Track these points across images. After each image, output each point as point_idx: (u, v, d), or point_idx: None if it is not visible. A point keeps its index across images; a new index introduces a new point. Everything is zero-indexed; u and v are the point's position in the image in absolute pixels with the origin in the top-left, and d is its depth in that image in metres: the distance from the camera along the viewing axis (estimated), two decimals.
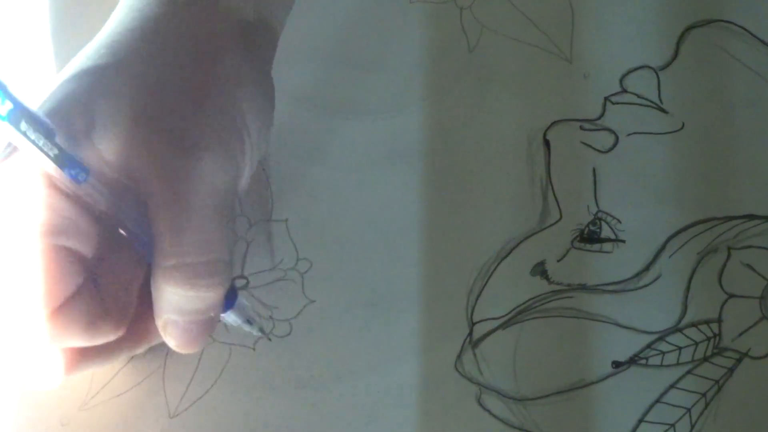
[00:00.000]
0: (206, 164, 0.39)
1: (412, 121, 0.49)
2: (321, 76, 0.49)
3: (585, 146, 0.48)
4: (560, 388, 0.44)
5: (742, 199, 0.47)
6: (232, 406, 0.44)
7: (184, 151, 0.38)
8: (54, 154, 0.35)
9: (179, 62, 0.40)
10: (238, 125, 0.40)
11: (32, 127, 0.34)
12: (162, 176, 0.38)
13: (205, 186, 0.39)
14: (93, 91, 0.39)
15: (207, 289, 0.39)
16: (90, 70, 0.40)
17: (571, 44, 0.50)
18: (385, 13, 0.51)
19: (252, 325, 0.43)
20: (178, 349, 0.40)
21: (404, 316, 0.45)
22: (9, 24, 0.51)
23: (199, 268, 0.39)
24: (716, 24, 0.50)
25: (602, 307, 0.45)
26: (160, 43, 0.41)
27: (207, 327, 0.40)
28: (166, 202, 0.38)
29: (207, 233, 0.39)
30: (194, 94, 0.40)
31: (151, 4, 0.42)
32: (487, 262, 0.46)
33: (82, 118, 0.38)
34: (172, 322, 0.39)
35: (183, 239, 0.38)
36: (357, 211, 0.47)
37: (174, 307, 0.39)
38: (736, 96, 0.49)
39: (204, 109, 0.39)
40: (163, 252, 0.38)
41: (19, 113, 0.33)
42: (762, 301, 0.45)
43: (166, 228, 0.38)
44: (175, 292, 0.39)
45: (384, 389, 0.44)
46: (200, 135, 0.39)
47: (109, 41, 0.41)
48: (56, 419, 0.43)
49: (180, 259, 0.38)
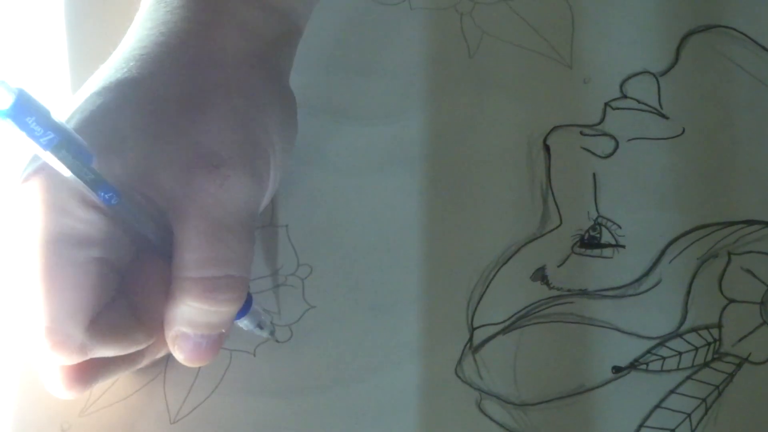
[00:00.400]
0: (233, 182, 0.39)
1: (413, 126, 0.49)
2: (322, 81, 0.49)
3: (585, 151, 0.48)
4: (560, 393, 0.44)
5: (743, 205, 0.47)
6: (233, 411, 0.44)
7: (212, 168, 0.39)
8: (90, 179, 0.36)
9: (207, 80, 0.41)
10: (264, 145, 0.41)
11: (72, 155, 0.34)
12: (188, 191, 0.39)
13: (231, 203, 0.39)
14: (123, 106, 0.39)
15: (224, 304, 0.39)
16: (119, 83, 0.40)
17: (571, 49, 0.50)
18: (385, 18, 0.51)
19: (263, 329, 0.43)
20: (186, 362, 0.40)
21: (404, 321, 0.45)
22: (24, 24, 0.51)
23: (219, 283, 0.39)
24: (716, 29, 0.50)
25: (602, 312, 0.45)
26: (188, 60, 0.41)
27: (217, 343, 0.41)
28: (190, 215, 0.39)
29: (229, 249, 0.39)
30: (222, 111, 0.40)
31: (177, 20, 0.42)
32: (488, 268, 0.46)
33: (112, 133, 0.38)
34: (183, 334, 0.40)
35: (205, 253, 0.39)
36: (357, 216, 0.47)
37: (187, 319, 0.39)
38: (737, 101, 0.49)
39: (232, 127, 0.40)
40: (183, 264, 0.39)
41: (60, 143, 0.34)
42: (762, 306, 0.45)
43: (189, 240, 0.39)
44: (191, 304, 0.39)
45: (384, 394, 0.44)
46: (228, 153, 0.39)
47: (137, 54, 0.41)
48: (57, 424, 0.43)
49: (200, 272, 0.39)
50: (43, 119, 0.33)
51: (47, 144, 0.33)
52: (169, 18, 0.42)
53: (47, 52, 0.50)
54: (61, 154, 0.34)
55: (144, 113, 0.39)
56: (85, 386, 0.40)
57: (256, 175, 0.40)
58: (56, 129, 0.33)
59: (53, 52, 0.50)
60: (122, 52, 0.42)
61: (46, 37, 0.51)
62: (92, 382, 0.40)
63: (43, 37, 0.51)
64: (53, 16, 0.51)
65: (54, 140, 0.33)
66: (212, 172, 0.39)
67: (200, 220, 0.39)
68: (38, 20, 0.51)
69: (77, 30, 0.51)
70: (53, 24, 0.51)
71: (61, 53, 0.50)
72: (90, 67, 0.42)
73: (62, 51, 0.50)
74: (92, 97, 0.40)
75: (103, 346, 0.39)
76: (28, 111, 0.32)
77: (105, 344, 0.39)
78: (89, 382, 0.40)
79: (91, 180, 0.36)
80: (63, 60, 0.50)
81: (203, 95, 0.40)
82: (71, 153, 0.34)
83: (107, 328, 0.39)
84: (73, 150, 0.34)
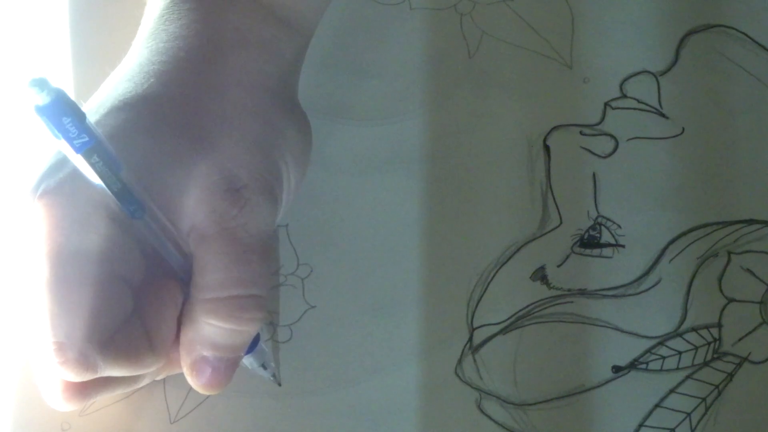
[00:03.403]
0: (254, 204, 0.39)
1: (413, 126, 0.49)
2: (321, 81, 0.49)
3: (585, 151, 0.48)
4: (560, 393, 0.44)
5: (742, 204, 0.47)
6: (233, 412, 0.44)
7: (234, 191, 0.39)
8: (117, 189, 0.36)
9: (227, 102, 0.41)
10: (280, 166, 0.41)
11: (102, 161, 0.35)
12: (210, 213, 0.39)
13: (253, 224, 0.39)
14: (145, 125, 0.39)
15: (248, 323, 0.40)
16: (140, 99, 0.40)
17: (571, 49, 0.50)
18: (385, 18, 0.51)
19: (266, 369, 0.43)
20: (204, 389, 0.40)
21: (404, 321, 0.45)
22: (29, 23, 0.51)
23: (245, 302, 0.39)
24: (716, 29, 0.50)
25: (602, 312, 0.45)
26: (209, 81, 0.41)
27: (233, 367, 0.41)
28: (213, 237, 0.39)
29: (253, 269, 0.39)
30: (241, 134, 0.40)
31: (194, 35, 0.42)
32: (487, 268, 0.46)
33: (133, 151, 0.38)
34: (202, 360, 0.40)
35: (231, 273, 0.39)
36: (357, 216, 0.47)
37: (210, 341, 0.39)
38: (736, 101, 0.49)
39: (251, 151, 0.40)
40: (206, 284, 0.39)
41: (93, 147, 0.34)
42: (762, 305, 0.45)
43: (213, 262, 0.39)
44: (215, 324, 0.39)
45: (384, 394, 0.44)
46: (248, 176, 0.40)
47: (157, 70, 0.41)
48: (57, 424, 0.43)
49: (226, 291, 0.39)
50: (78, 121, 0.33)
51: (80, 147, 0.33)
52: (187, 33, 0.42)
53: (51, 51, 0.50)
54: (92, 160, 0.34)
55: (165, 134, 0.39)
56: (83, 401, 0.40)
57: (273, 197, 0.41)
58: (91, 133, 0.33)
59: (57, 51, 0.50)
60: (139, 63, 0.42)
61: (50, 35, 0.51)
62: (90, 398, 0.40)
63: (47, 36, 0.51)
64: (57, 14, 0.51)
65: (88, 143, 0.33)
66: (235, 196, 0.39)
67: (224, 242, 0.39)
68: (42, 19, 0.51)
69: (81, 29, 0.51)
70: (57, 23, 0.51)
71: (65, 52, 0.50)
72: (93, 65, 0.42)
73: (65, 50, 0.50)
74: (113, 112, 0.39)
75: (114, 366, 0.38)
76: (66, 111, 0.32)
77: (116, 365, 0.38)
78: (88, 397, 0.40)
79: (118, 190, 0.36)
80: (66, 59, 0.50)
81: (223, 116, 0.40)
82: (102, 159, 0.34)
83: (120, 350, 0.38)
84: (104, 157, 0.34)
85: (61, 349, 0.37)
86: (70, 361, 0.37)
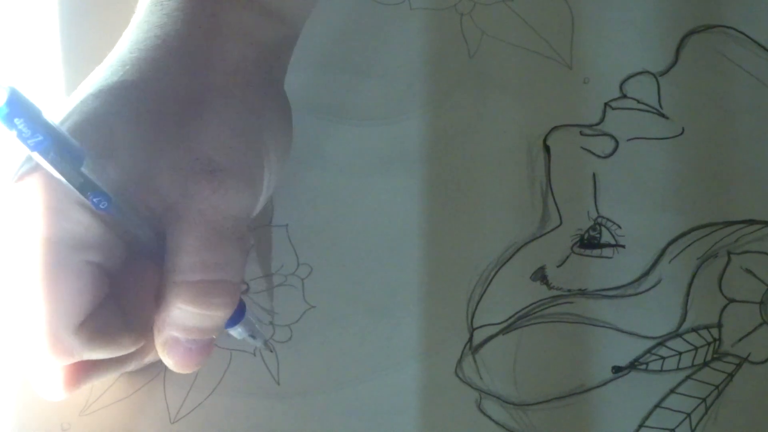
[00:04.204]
0: (229, 188, 0.39)
1: (413, 126, 0.49)
2: (321, 81, 0.49)
3: (585, 151, 0.48)
4: (560, 393, 0.44)
5: (742, 204, 0.47)
6: (233, 411, 0.44)
7: (209, 173, 0.39)
8: (79, 183, 0.35)
9: (203, 85, 0.41)
10: (260, 151, 0.41)
11: (61, 157, 0.34)
12: (184, 195, 0.39)
13: (227, 208, 0.39)
14: (119, 109, 0.39)
15: (217, 308, 0.39)
16: (116, 85, 0.40)
17: (571, 50, 0.50)
18: (385, 18, 0.51)
19: (255, 338, 0.43)
20: (175, 368, 0.40)
21: (404, 322, 0.45)
22: (17, 23, 0.51)
23: (213, 286, 0.39)
24: (716, 29, 0.50)
25: (602, 312, 0.45)
26: (185, 65, 0.41)
27: (207, 349, 0.40)
28: (186, 219, 0.39)
29: (224, 253, 0.39)
30: (218, 117, 0.40)
31: (174, 23, 0.42)
32: (487, 268, 0.46)
33: (108, 136, 0.38)
34: (174, 339, 0.40)
35: (200, 256, 0.39)
36: (357, 216, 0.47)
37: (179, 323, 0.39)
38: (736, 101, 0.49)
39: (228, 134, 0.40)
40: (177, 267, 0.39)
41: (50, 144, 0.33)
42: (762, 306, 0.45)
43: (183, 244, 0.39)
44: (183, 307, 0.39)
45: (384, 394, 0.44)
46: (224, 159, 0.39)
47: (134, 57, 0.41)
48: (57, 424, 0.43)
49: (195, 275, 0.39)
50: (32, 121, 0.32)
51: (35, 146, 0.33)
52: (166, 21, 0.42)
53: (41, 51, 0.50)
54: (49, 157, 0.34)
55: (140, 118, 0.39)
56: (73, 387, 0.40)
57: (250, 182, 0.40)
58: (46, 131, 0.33)
59: (47, 51, 0.50)
60: (118, 53, 0.42)
61: (40, 35, 0.51)
62: (80, 384, 0.40)
63: (38, 36, 0.51)
64: (47, 14, 0.51)
65: (43, 143, 0.33)
66: (208, 178, 0.39)
67: (196, 224, 0.38)
68: (32, 19, 0.51)
69: (71, 29, 0.51)
70: (47, 23, 0.51)
71: (56, 52, 0.50)
72: (84, 66, 0.42)
73: (56, 50, 0.50)
74: (88, 99, 0.39)
75: (90, 349, 0.39)
76: (17, 112, 0.32)
77: (93, 348, 0.39)
78: (77, 383, 0.40)
79: (80, 184, 0.35)
80: (57, 59, 0.50)
81: (200, 101, 0.40)
82: (60, 156, 0.34)
83: (96, 332, 0.38)
84: (64, 153, 0.34)
85: (37, 335, 0.37)
86: (47, 347, 0.38)
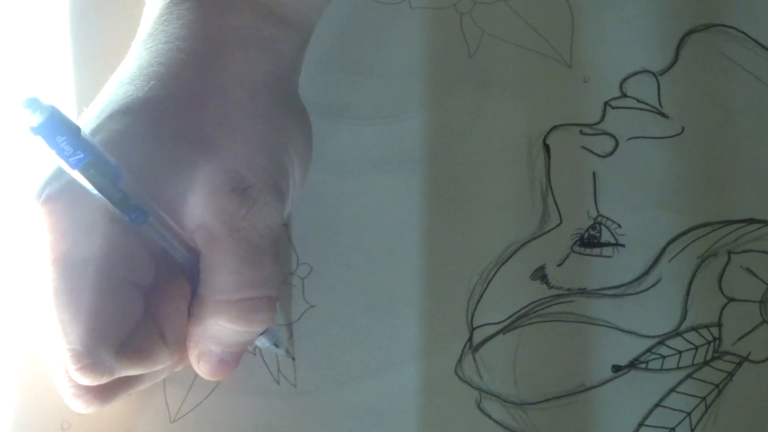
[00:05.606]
0: (261, 204, 0.39)
1: (413, 126, 0.49)
2: (321, 80, 0.49)
3: (585, 151, 0.48)
4: (560, 392, 0.44)
5: (742, 203, 0.47)
6: (233, 410, 0.44)
7: (242, 191, 0.39)
8: (118, 199, 0.36)
9: (230, 102, 0.41)
10: (285, 164, 0.41)
11: (100, 174, 0.34)
12: (219, 214, 0.39)
13: (262, 225, 0.39)
14: (148, 129, 0.39)
15: (258, 324, 0.40)
16: (143, 102, 0.40)
17: (570, 49, 0.50)
18: (385, 18, 0.51)
19: (279, 347, 0.44)
20: (209, 376, 0.41)
21: (404, 321, 0.45)
22: (29, 25, 0.51)
23: (257, 304, 0.39)
24: (716, 28, 0.50)
25: (602, 311, 0.45)
26: (211, 83, 0.41)
27: (239, 357, 0.41)
28: (223, 238, 0.39)
29: (264, 270, 0.39)
30: (246, 134, 0.40)
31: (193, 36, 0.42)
32: (487, 267, 0.46)
33: (137, 155, 0.38)
34: (209, 351, 0.40)
35: (243, 275, 0.39)
36: (357, 215, 0.47)
37: (217, 339, 0.40)
38: (736, 100, 0.49)
39: (257, 150, 0.40)
40: (219, 287, 0.39)
41: (89, 162, 0.34)
42: (762, 305, 0.45)
43: (223, 263, 0.39)
44: (224, 325, 0.39)
45: (384, 394, 0.44)
46: (254, 176, 0.40)
47: (157, 72, 0.41)
48: (58, 423, 0.44)
49: (239, 293, 0.39)
50: (72, 138, 0.33)
51: (76, 163, 0.33)
52: (187, 34, 0.42)
53: (51, 51, 0.50)
54: (89, 174, 0.34)
55: (168, 137, 0.39)
56: (106, 402, 0.41)
57: (280, 195, 0.41)
58: (86, 148, 0.33)
59: (57, 51, 0.50)
60: (138, 65, 0.41)
61: (50, 35, 0.51)
62: (115, 398, 0.41)
63: (47, 36, 0.51)
64: (57, 14, 0.51)
65: (83, 160, 0.33)
66: (242, 196, 0.39)
67: (234, 242, 0.39)
68: (42, 18, 0.51)
69: (81, 28, 0.51)
70: (57, 22, 0.51)
71: (65, 51, 0.50)
72: (93, 65, 0.42)
73: (66, 49, 0.50)
74: (116, 116, 0.39)
75: (130, 368, 0.39)
76: (59, 130, 0.32)
77: (132, 366, 0.39)
78: (111, 398, 0.41)
79: (119, 200, 0.36)
80: (67, 58, 0.50)
81: (226, 118, 0.40)
82: (99, 172, 0.34)
83: (135, 351, 0.39)
84: (102, 169, 0.34)
85: (76, 356, 0.37)
86: (86, 368, 0.38)
